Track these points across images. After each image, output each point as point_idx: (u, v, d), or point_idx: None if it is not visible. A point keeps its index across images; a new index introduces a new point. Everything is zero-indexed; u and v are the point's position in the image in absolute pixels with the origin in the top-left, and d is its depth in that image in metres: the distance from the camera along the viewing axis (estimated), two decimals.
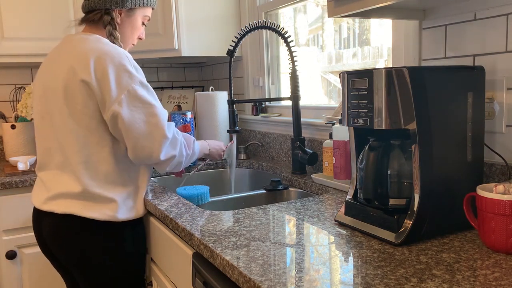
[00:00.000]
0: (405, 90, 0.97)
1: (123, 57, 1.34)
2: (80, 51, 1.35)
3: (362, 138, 1.14)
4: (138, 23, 1.52)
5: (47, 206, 1.39)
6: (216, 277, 1.01)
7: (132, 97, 1.32)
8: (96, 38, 1.39)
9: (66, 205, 1.37)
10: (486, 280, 0.80)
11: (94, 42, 1.36)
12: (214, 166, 2.14)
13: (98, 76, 1.31)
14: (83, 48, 1.35)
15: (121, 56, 1.34)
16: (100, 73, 1.31)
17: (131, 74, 1.33)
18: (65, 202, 1.37)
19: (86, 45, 1.36)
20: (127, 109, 1.32)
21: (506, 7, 1.14)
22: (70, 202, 1.37)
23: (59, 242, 1.41)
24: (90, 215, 1.36)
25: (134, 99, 1.33)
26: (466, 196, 0.99)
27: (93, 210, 1.37)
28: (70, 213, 1.36)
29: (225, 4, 2.39)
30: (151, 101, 1.35)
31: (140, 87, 1.34)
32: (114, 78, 1.31)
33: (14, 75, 2.52)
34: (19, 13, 2.19)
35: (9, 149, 2.29)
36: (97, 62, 1.31)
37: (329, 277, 0.85)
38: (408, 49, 1.41)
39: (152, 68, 2.86)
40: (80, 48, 1.36)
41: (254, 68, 2.37)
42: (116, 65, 1.32)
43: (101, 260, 1.40)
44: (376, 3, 1.11)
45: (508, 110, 1.16)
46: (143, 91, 1.35)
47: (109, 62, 1.31)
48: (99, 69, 1.31)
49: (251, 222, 1.19)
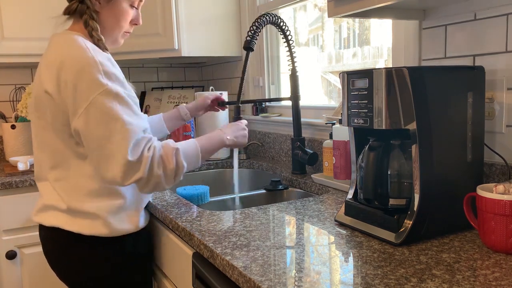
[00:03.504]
0: (405, 90, 0.97)
1: (90, 63, 1.16)
2: (49, 58, 1.24)
3: (362, 138, 1.14)
4: (122, 8, 1.31)
5: (37, 217, 1.34)
6: (216, 277, 1.01)
7: (95, 110, 1.15)
8: (71, 40, 1.23)
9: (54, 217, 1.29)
10: (486, 280, 0.80)
11: (66, 46, 1.23)
12: (214, 166, 2.14)
13: (61, 86, 1.18)
14: (52, 55, 1.23)
15: (87, 63, 1.16)
16: (63, 83, 1.17)
17: (95, 83, 1.15)
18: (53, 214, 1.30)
19: (56, 50, 1.24)
20: (88, 124, 1.16)
21: (506, 7, 1.14)
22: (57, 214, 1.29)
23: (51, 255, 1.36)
24: (77, 229, 1.27)
25: (96, 112, 1.15)
26: (466, 196, 0.99)
27: (80, 224, 1.27)
28: (57, 226, 1.28)
29: (225, 4, 2.39)
30: (119, 115, 1.16)
31: (107, 97, 1.15)
32: (76, 89, 1.16)
33: (14, 75, 2.52)
34: (19, 13, 2.18)
35: (9, 149, 2.29)
36: (60, 71, 1.18)
37: (329, 277, 0.85)
38: (408, 49, 1.41)
39: (152, 68, 2.86)
40: (50, 55, 1.25)
41: (254, 68, 2.37)
42: (79, 73, 1.16)
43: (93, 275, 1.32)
44: (376, 3, 1.11)
45: (508, 110, 1.16)
46: (110, 102, 1.15)
47: (72, 71, 1.16)
48: (61, 79, 1.17)
49: (251, 222, 1.19)
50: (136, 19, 1.38)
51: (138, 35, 2.35)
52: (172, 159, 1.22)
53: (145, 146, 1.19)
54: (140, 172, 1.17)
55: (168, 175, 1.22)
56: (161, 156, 1.21)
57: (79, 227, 1.27)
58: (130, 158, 1.15)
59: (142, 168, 1.17)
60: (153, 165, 1.19)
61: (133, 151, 1.16)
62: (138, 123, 1.19)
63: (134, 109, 1.21)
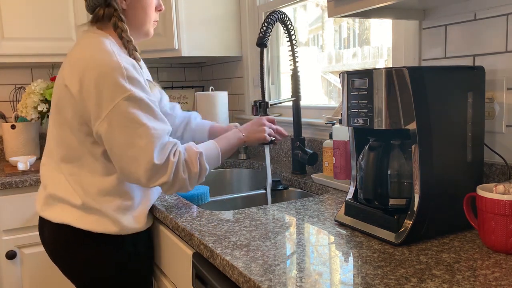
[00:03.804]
0: (405, 90, 0.97)
1: (114, 67, 1.18)
2: (74, 57, 1.26)
3: (362, 138, 1.14)
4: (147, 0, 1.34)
5: (45, 213, 1.34)
6: (216, 277, 1.01)
7: (118, 115, 1.17)
8: (98, 42, 1.25)
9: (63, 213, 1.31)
10: (486, 280, 0.80)
11: (92, 48, 1.24)
12: None
13: (83, 87, 1.19)
14: (78, 54, 1.26)
15: (112, 67, 1.18)
16: (86, 85, 1.19)
17: (119, 88, 1.17)
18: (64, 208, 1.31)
19: (83, 50, 1.26)
20: (111, 128, 1.18)
21: (506, 7, 1.14)
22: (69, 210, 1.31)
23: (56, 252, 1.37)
24: (87, 227, 1.29)
25: (120, 117, 1.17)
26: (466, 196, 0.99)
27: (90, 222, 1.29)
28: (66, 223, 1.30)
29: (225, 4, 2.39)
30: (142, 119, 1.18)
31: (130, 102, 1.17)
32: (99, 92, 1.17)
33: (14, 75, 2.52)
34: (19, 13, 2.19)
35: (9, 149, 2.29)
36: (84, 72, 1.19)
37: (329, 277, 0.85)
38: (408, 49, 1.41)
39: (152, 68, 2.85)
40: (76, 54, 1.27)
41: (254, 68, 2.37)
42: (103, 77, 1.17)
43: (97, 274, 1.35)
44: (376, 3, 1.11)
45: (508, 110, 1.16)
46: (133, 108, 1.18)
47: (96, 74, 1.18)
48: (85, 80, 1.19)
49: (251, 222, 1.19)
50: (159, 5, 1.40)
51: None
52: (196, 162, 1.26)
53: (171, 150, 1.22)
54: (165, 176, 1.20)
55: (192, 178, 1.26)
56: (185, 160, 1.24)
57: (89, 225, 1.29)
58: (157, 162, 1.18)
59: (168, 173, 1.20)
60: (178, 170, 1.22)
61: (159, 155, 1.19)
62: (162, 127, 1.22)
63: (156, 114, 1.23)
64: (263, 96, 1.64)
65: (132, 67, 1.22)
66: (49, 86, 2.23)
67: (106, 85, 1.17)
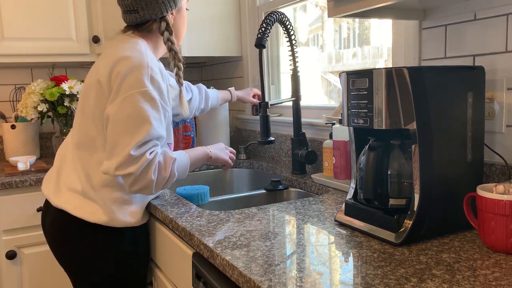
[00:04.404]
0: (405, 90, 0.97)
1: (144, 65, 1.26)
2: (110, 53, 1.32)
3: (362, 138, 1.14)
4: (184, 11, 1.47)
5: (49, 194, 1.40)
6: (216, 277, 1.01)
7: (129, 103, 1.24)
8: (134, 43, 1.33)
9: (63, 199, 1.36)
10: (486, 280, 0.80)
11: (129, 46, 1.31)
12: (214, 166, 2.14)
13: (112, 76, 1.26)
14: (114, 51, 1.31)
15: (140, 64, 1.26)
16: (114, 74, 1.26)
17: (139, 82, 1.24)
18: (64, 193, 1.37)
19: (119, 47, 1.32)
20: (119, 113, 1.25)
21: (506, 7, 1.14)
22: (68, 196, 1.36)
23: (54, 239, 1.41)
24: (81, 215, 1.33)
25: (130, 106, 1.24)
26: (466, 196, 0.99)
27: (86, 211, 1.33)
28: (62, 208, 1.35)
29: (225, 4, 2.39)
30: (147, 117, 1.24)
31: (144, 97, 1.24)
32: (121, 83, 1.25)
33: (14, 75, 2.52)
34: (19, 13, 2.18)
35: (9, 149, 2.29)
36: (116, 64, 1.27)
37: (329, 277, 0.85)
38: (408, 49, 1.41)
39: None
40: (112, 51, 1.33)
41: (254, 68, 2.37)
42: (131, 70, 1.25)
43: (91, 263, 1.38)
44: (376, 3, 1.11)
45: (508, 110, 1.16)
46: (144, 103, 1.24)
47: (126, 66, 1.25)
48: (114, 70, 1.26)
49: (251, 222, 1.19)
50: None
51: None
52: (168, 167, 1.30)
53: (150, 148, 1.26)
54: (133, 167, 1.23)
55: (160, 182, 1.29)
56: (159, 163, 1.28)
57: (84, 214, 1.33)
58: (132, 153, 1.22)
59: (136, 165, 1.23)
60: (148, 168, 1.25)
61: (137, 147, 1.24)
62: (160, 130, 1.28)
63: (161, 116, 1.29)
64: (263, 96, 1.64)
65: (158, 70, 1.30)
66: (49, 86, 2.23)
67: (129, 77, 1.25)
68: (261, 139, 1.63)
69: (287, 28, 1.75)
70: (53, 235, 1.42)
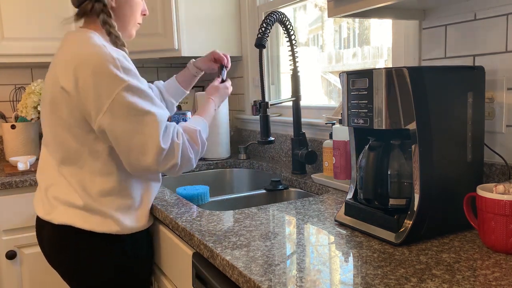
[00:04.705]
0: (405, 90, 0.97)
1: (107, 60, 1.18)
2: (64, 56, 1.25)
3: (362, 138, 1.14)
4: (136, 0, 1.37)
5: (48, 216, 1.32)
6: (216, 277, 1.01)
7: (119, 106, 1.18)
8: (87, 38, 1.25)
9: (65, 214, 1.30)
10: (486, 280, 0.80)
11: (82, 44, 1.24)
12: (214, 166, 2.14)
13: (79, 84, 1.19)
14: (68, 53, 1.25)
15: (105, 59, 1.18)
16: (82, 82, 1.19)
17: (116, 79, 1.18)
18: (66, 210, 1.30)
19: (72, 48, 1.26)
20: (114, 120, 1.19)
21: (506, 7, 1.14)
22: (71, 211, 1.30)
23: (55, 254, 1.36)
24: (89, 227, 1.29)
25: (121, 107, 1.18)
26: (466, 196, 0.99)
27: (91, 222, 1.29)
28: (69, 224, 1.29)
29: (225, 4, 2.39)
30: (144, 107, 1.20)
31: (128, 92, 1.18)
32: (97, 87, 1.17)
33: (14, 75, 2.52)
34: (19, 13, 2.18)
35: (9, 149, 2.29)
36: (78, 68, 1.19)
37: (329, 277, 0.85)
38: (408, 49, 1.41)
39: (152, 68, 2.85)
40: (66, 52, 1.26)
41: (254, 68, 2.37)
42: (98, 71, 1.17)
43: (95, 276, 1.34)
44: (376, 3, 1.11)
45: (508, 110, 1.16)
46: (133, 96, 1.19)
47: (90, 69, 1.18)
48: (79, 76, 1.19)
49: (251, 222, 1.19)
50: (145, 10, 1.43)
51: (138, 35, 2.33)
52: (197, 140, 1.31)
53: (173, 133, 1.25)
54: (174, 159, 1.24)
55: (197, 155, 1.32)
56: (188, 140, 1.29)
57: (92, 225, 1.29)
58: (163, 146, 1.21)
59: (176, 155, 1.24)
60: (185, 151, 1.27)
61: (164, 138, 1.22)
62: (162, 112, 1.24)
63: (154, 100, 1.25)
64: (263, 96, 1.64)
65: (123, 58, 1.23)
66: None
67: (102, 78, 1.18)
68: (261, 139, 1.64)
69: (287, 28, 1.75)
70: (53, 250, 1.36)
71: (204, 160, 2.17)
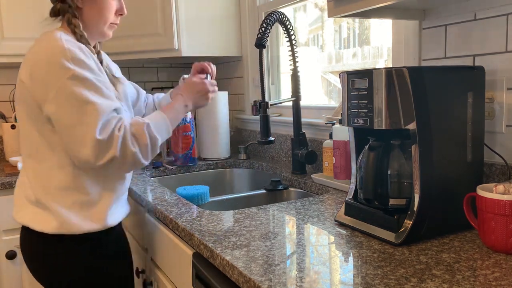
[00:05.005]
0: (405, 90, 0.97)
1: (59, 51, 1.19)
2: (28, 53, 1.28)
3: (362, 138, 1.14)
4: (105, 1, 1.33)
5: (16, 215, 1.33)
6: (216, 277, 1.01)
7: (63, 94, 1.17)
8: (50, 34, 1.26)
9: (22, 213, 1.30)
10: (486, 280, 0.80)
11: (44, 40, 1.26)
12: (214, 166, 2.14)
13: (33, 74, 1.21)
14: (31, 49, 1.27)
15: (57, 50, 1.19)
16: (35, 72, 1.21)
17: (63, 68, 1.17)
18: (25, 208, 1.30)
19: (35, 45, 1.28)
20: (58, 109, 1.18)
21: (506, 7, 1.14)
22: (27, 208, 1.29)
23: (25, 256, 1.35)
24: (40, 227, 1.26)
25: (66, 96, 1.17)
26: (466, 196, 0.99)
27: (43, 222, 1.26)
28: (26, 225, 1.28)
29: (225, 4, 2.39)
30: (87, 96, 1.17)
31: (74, 81, 1.17)
32: (46, 76, 1.19)
33: (14, 75, 2.49)
34: (19, 13, 2.18)
35: (9, 149, 2.29)
36: (33, 61, 1.22)
37: (329, 277, 0.85)
38: (408, 49, 1.41)
39: (152, 68, 2.86)
40: (30, 50, 1.28)
41: (254, 68, 2.37)
42: (48, 60, 1.19)
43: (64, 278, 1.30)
44: (376, 3, 1.11)
45: (508, 110, 1.16)
46: (77, 86, 1.17)
47: (43, 60, 1.20)
48: (34, 68, 1.21)
49: (251, 222, 1.19)
50: (121, 9, 1.39)
51: (138, 35, 2.35)
52: (145, 134, 1.23)
53: (115, 125, 1.20)
54: (112, 150, 1.18)
55: (144, 150, 1.23)
56: (132, 134, 1.22)
57: (42, 225, 1.26)
58: (99, 137, 1.16)
59: (113, 147, 1.18)
60: (126, 143, 1.20)
61: (102, 130, 1.17)
62: (107, 103, 1.20)
63: (103, 91, 1.21)
64: (263, 96, 1.64)
65: (78, 49, 1.22)
66: None
67: (51, 67, 1.19)
68: (261, 139, 1.64)
69: (287, 28, 1.75)
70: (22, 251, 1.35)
71: (204, 160, 2.17)
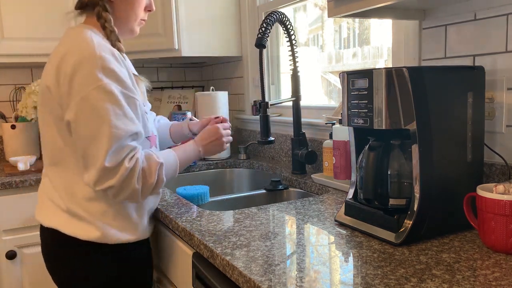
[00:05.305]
0: (405, 90, 0.97)
1: (90, 56, 1.12)
2: (55, 51, 1.21)
3: (362, 138, 1.14)
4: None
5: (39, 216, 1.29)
6: (216, 277, 1.01)
7: (85, 105, 1.11)
8: (79, 33, 1.20)
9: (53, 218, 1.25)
10: (486, 280, 0.80)
11: (72, 39, 1.19)
12: (214, 166, 2.14)
13: (60, 79, 1.14)
14: (59, 48, 1.20)
15: (89, 55, 1.12)
16: (62, 75, 1.13)
17: (91, 77, 1.11)
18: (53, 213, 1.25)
19: (63, 43, 1.21)
20: (77, 118, 1.13)
21: (506, 7, 1.14)
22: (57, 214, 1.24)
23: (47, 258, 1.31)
24: (72, 232, 1.21)
25: (87, 108, 1.11)
26: (466, 196, 0.99)
27: (75, 227, 1.21)
28: (55, 228, 1.23)
29: (225, 4, 2.39)
30: (108, 115, 1.11)
31: (99, 93, 1.10)
32: (72, 81, 1.12)
33: (14, 75, 2.52)
34: (19, 13, 2.18)
35: (9, 149, 2.29)
36: (61, 63, 1.14)
37: (329, 277, 0.85)
38: (408, 49, 1.41)
39: (152, 68, 2.85)
40: (57, 48, 1.22)
41: (254, 68, 2.37)
42: (77, 65, 1.12)
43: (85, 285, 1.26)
44: (376, 3, 1.11)
45: (508, 110, 1.16)
46: (101, 100, 1.11)
47: (71, 63, 1.12)
48: (61, 71, 1.14)
49: (251, 222, 1.19)
50: (150, 5, 1.34)
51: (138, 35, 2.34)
52: (154, 174, 1.18)
53: (127, 155, 1.14)
54: (113, 180, 1.12)
55: (146, 189, 1.18)
56: (143, 169, 1.16)
57: (74, 230, 1.22)
58: (107, 164, 1.11)
59: (116, 177, 1.12)
60: (131, 177, 1.14)
61: (111, 157, 1.11)
62: (127, 127, 1.14)
63: (126, 111, 1.14)
64: (263, 96, 1.64)
65: (111, 57, 1.16)
66: None
67: (79, 73, 1.12)
68: (261, 139, 1.64)
69: (287, 28, 1.75)
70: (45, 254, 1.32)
71: (204, 160, 2.17)
